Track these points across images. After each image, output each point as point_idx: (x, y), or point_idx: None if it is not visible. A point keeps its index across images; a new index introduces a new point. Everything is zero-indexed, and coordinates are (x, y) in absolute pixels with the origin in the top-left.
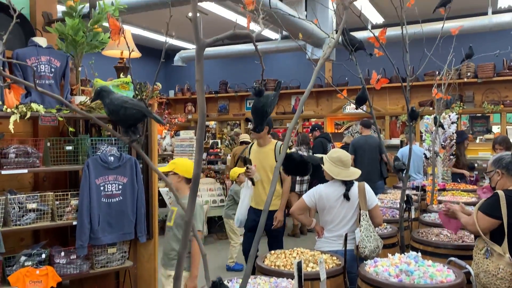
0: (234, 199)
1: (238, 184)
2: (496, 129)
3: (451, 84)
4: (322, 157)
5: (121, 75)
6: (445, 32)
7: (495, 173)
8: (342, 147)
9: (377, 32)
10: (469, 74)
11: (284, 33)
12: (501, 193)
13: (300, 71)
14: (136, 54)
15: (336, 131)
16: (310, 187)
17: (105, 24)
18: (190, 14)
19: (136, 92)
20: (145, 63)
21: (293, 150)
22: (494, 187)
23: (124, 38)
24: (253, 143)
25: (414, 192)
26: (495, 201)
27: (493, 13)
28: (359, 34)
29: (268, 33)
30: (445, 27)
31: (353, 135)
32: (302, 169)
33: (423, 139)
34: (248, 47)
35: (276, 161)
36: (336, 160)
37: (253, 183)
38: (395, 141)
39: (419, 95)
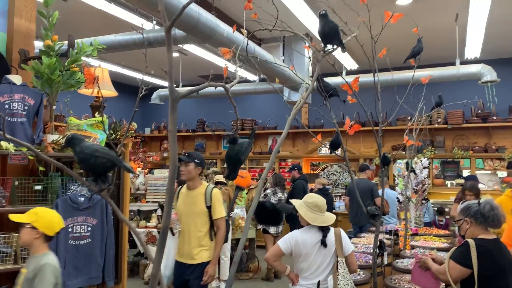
0: None
1: None
2: (466, 174)
3: (422, 130)
4: (294, 207)
5: (96, 114)
6: (416, 80)
7: (464, 222)
8: (320, 189)
9: (351, 78)
10: (439, 120)
11: (262, 75)
12: (471, 241)
13: (277, 112)
14: (112, 93)
15: (312, 172)
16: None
17: (84, 58)
18: (172, 56)
19: (111, 131)
20: (122, 100)
21: (269, 191)
22: (463, 235)
23: (96, 84)
24: (182, 187)
25: (388, 236)
26: (465, 250)
27: (461, 63)
28: (334, 80)
29: (247, 74)
30: (416, 76)
31: (328, 177)
32: (274, 218)
33: (396, 183)
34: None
35: (206, 207)
36: (313, 206)
37: (173, 233)
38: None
39: (392, 139)
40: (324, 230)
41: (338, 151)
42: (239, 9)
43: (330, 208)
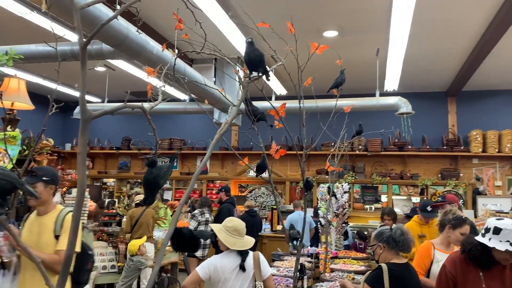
0: (134, 269)
1: (140, 256)
2: (384, 198)
3: (343, 156)
4: (212, 233)
5: (9, 128)
6: (339, 109)
7: (378, 247)
8: (247, 212)
9: (280, 103)
10: (360, 147)
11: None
12: (384, 266)
13: (207, 133)
14: (28, 106)
15: (240, 194)
16: None
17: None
18: (99, 67)
19: (24, 147)
20: (41, 113)
21: (197, 211)
22: (377, 260)
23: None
24: (31, 212)
25: (309, 259)
26: (378, 274)
27: (381, 95)
28: (264, 104)
29: (177, 93)
30: (339, 104)
31: (255, 199)
32: (191, 245)
33: (318, 206)
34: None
35: (55, 237)
36: (232, 230)
37: (4, 267)
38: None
39: (316, 164)
40: (243, 254)
41: (265, 174)
42: (171, 28)
43: (258, 230)
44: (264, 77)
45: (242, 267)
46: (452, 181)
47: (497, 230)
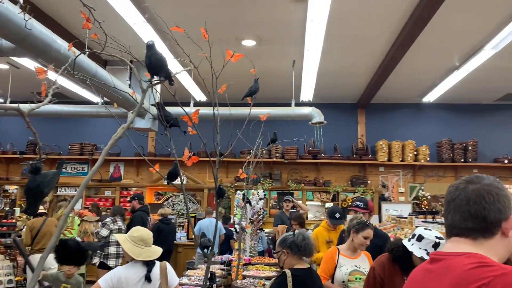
0: None
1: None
2: None
3: (258, 163)
4: (102, 244)
5: None
6: (255, 117)
7: (282, 253)
8: (160, 221)
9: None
10: (277, 154)
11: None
12: (288, 272)
13: (122, 138)
14: None
15: (155, 201)
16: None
17: None
18: None
19: None
20: None
21: (108, 219)
22: (282, 266)
23: None
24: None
25: (222, 267)
26: (283, 280)
27: (297, 105)
28: (181, 110)
29: (90, 96)
30: (257, 113)
31: (173, 207)
32: (78, 257)
33: (234, 213)
34: (64, 108)
35: None
36: (138, 240)
37: None
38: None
39: (235, 170)
40: (149, 264)
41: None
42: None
43: (172, 238)
44: (189, 79)
45: (148, 278)
46: (360, 187)
47: (420, 238)
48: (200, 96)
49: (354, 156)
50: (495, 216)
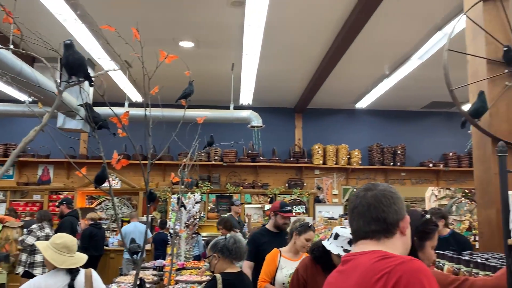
0: None
1: None
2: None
3: (194, 166)
4: (7, 254)
5: None
6: (193, 119)
7: (213, 257)
8: (92, 225)
9: (136, 110)
10: (216, 157)
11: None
12: (218, 276)
13: (51, 139)
14: None
15: (88, 206)
16: None
17: None
18: None
19: None
20: None
21: (35, 226)
22: (212, 270)
23: None
24: None
25: (155, 272)
26: (213, 284)
27: (235, 108)
28: (116, 110)
29: (16, 94)
30: (195, 115)
31: (106, 211)
32: None
33: (169, 217)
34: None
35: None
36: (61, 247)
37: None
38: (144, 217)
39: (173, 173)
40: (73, 272)
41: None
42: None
43: (102, 244)
44: (127, 81)
45: (71, 287)
46: (297, 190)
47: (336, 236)
48: (137, 97)
49: (291, 159)
50: (393, 217)
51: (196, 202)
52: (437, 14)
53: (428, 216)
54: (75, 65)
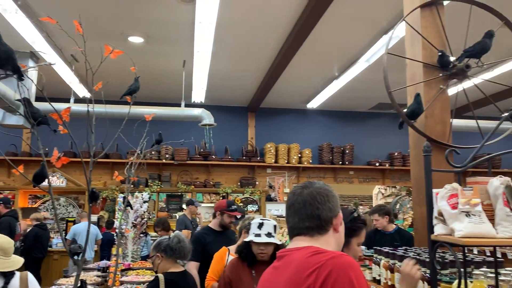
0: None
1: None
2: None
3: (141, 165)
4: None
5: None
6: (140, 116)
7: (156, 257)
8: (37, 226)
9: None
10: (167, 156)
11: None
12: (161, 276)
13: None
14: None
15: (31, 205)
16: None
17: None
18: None
19: None
20: None
21: None
22: (156, 270)
23: None
24: None
25: (99, 273)
26: (155, 285)
27: (187, 106)
28: (61, 106)
29: None
30: (143, 112)
31: (50, 210)
32: None
33: (116, 217)
34: None
35: None
36: None
37: None
38: (93, 217)
39: (121, 172)
40: (7, 275)
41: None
42: None
43: (46, 245)
44: (72, 74)
45: None
46: (249, 188)
47: (248, 226)
48: (85, 92)
49: (244, 158)
50: (327, 214)
51: (144, 202)
52: (383, 19)
53: (355, 214)
54: (2, 58)
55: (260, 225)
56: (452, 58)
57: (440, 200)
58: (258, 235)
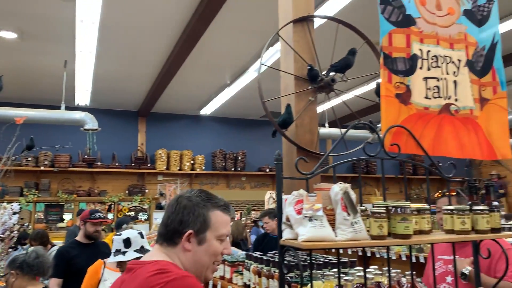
0: None
1: None
2: (69, 217)
3: (7, 172)
4: None
5: None
6: (10, 119)
7: (10, 275)
8: None
9: None
10: (46, 162)
11: None
12: None
13: None
14: None
15: None
16: None
17: None
18: None
19: None
20: None
21: None
22: None
23: None
24: None
25: None
26: None
27: (69, 109)
28: None
29: None
30: (14, 114)
31: None
32: None
33: None
34: None
35: None
36: None
37: None
38: None
39: None
40: None
41: None
42: None
43: None
44: None
45: None
46: (138, 197)
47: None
48: None
49: (133, 164)
50: (175, 226)
51: (14, 213)
52: (269, 31)
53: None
54: None
55: (126, 242)
56: (322, 72)
57: (288, 206)
58: (120, 252)
